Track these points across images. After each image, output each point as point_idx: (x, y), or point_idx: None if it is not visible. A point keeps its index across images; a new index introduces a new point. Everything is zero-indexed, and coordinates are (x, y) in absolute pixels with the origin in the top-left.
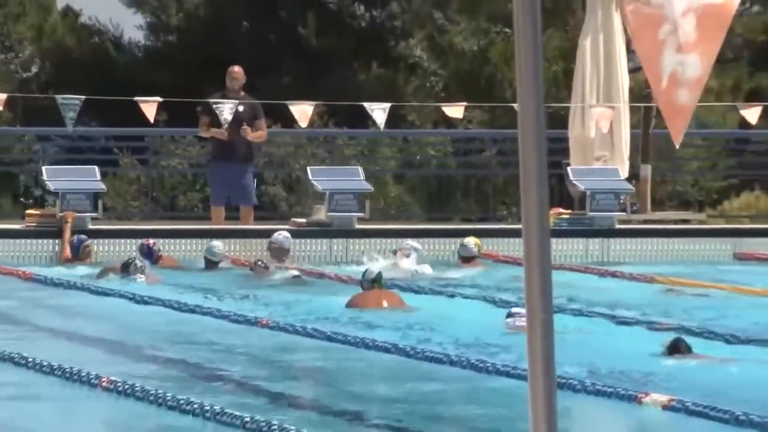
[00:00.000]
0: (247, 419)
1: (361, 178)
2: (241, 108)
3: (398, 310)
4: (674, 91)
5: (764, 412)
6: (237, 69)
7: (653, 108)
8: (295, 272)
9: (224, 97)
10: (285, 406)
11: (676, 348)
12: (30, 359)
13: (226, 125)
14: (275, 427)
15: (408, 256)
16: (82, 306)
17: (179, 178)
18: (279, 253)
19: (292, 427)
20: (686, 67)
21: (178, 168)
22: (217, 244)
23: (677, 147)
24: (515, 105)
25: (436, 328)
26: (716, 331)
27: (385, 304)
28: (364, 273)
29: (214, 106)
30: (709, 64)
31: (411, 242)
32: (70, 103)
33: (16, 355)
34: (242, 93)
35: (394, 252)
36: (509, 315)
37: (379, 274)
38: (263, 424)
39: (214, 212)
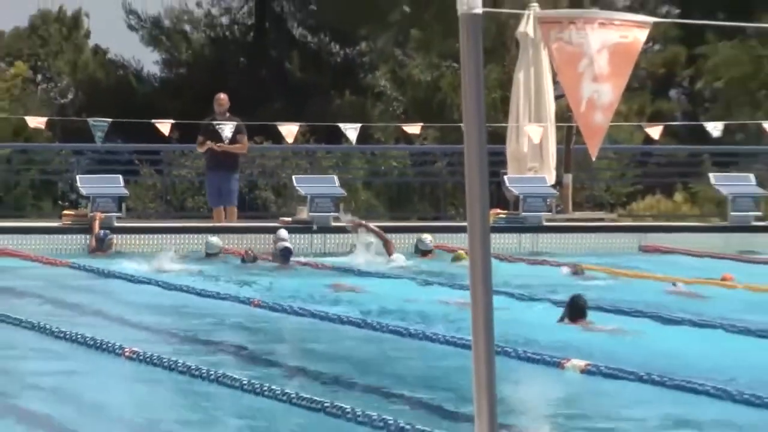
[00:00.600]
0: (245, 382)
1: (337, 184)
2: (228, 129)
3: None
4: (591, 114)
5: (662, 372)
6: (222, 96)
7: (574, 128)
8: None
9: (213, 119)
10: (267, 367)
11: (576, 311)
12: (66, 332)
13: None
14: (266, 388)
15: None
16: (108, 288)
17: (188, 184)
18: (213, 253)
19: (278, 388)
20: (601, 94)
21: (187, 177)
22: (214, 239)
23: (594, 159)
24: (462, 125)
25: (399, 307)
26: (622, 307)
27: None
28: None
29: (207, 126)
30: (619, 92)
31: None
32: (99, 124)
33: (56, 330)
34: (227, 114)
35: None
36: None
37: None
38: (257, 385)
39: (215, 212)
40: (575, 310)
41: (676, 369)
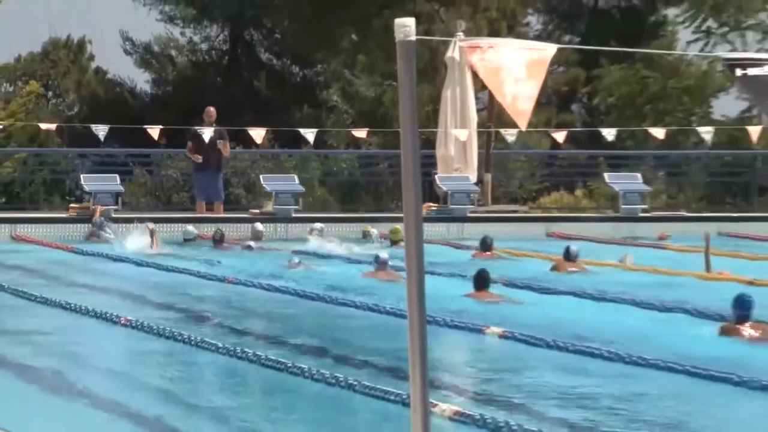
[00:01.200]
0: (221, 346)
1: (296, 182)
2: (212, 134)
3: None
4: (516, 102)
5: (563, 338)
6: (212, 109)
7: (492, 134)
8: (251, 243)
9: (200, 127)
10: (238, 332)
11: (481, 282)
12: (72, 304)
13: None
14: (239, 351)
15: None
16: (105, 268)
17: (173, 182)
18: (257, 235)
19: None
20: (522, 89)
21: (173, 176)
22: (190, 227)
23: (523, 129)
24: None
25: (342, 284)
26: (531, 284)
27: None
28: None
29: (196, 132)
30: (538, 87)
31: (318, 224)
32: (100, 130)
33: (63, 302)
34: (213, 125)
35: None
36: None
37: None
38: (232, 349)
39: (198, 205)
40: (479, 281)
41: (576, 335)
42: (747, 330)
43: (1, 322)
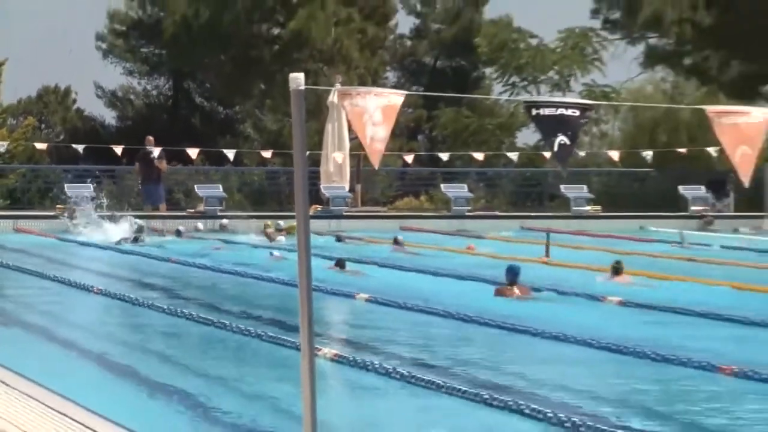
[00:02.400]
0: (165, 307)
1: (221, 190)
2: (153, 154)
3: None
4: (373, 143)
5: (410, 300)
6: (150, 138)
7: (361, 156)
8: (180, 228)
9: (144, 150)
10: (180, 298)
11: (340, 263)
12: (57, 276)
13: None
14: (179, 311)
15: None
16: (80, 251)
17: (129, 190)
18: (223, 227)
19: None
20: (377, 132)
21: (132, 186)
22: (141, 222)
23: (376, 167)
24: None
25: (252, 261)
26: (386, 264)
27: None
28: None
29: (142, 154)
30: (388, 131)
31: (225, 220)
32: (77, 152)
33: (51, 275)
34: (153, 148)
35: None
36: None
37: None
38: (174, 309)
39: (145, 209)
40: (340, 262)
41: (418, 298)
42: (514, 290)
43: (6, 288)
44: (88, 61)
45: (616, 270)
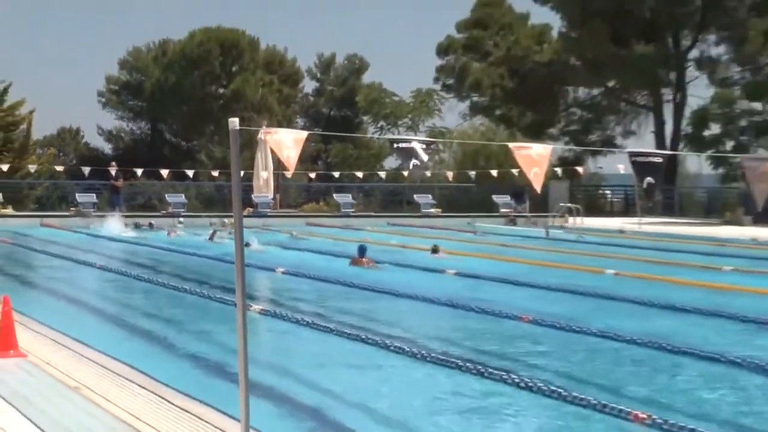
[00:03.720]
0: (144, 277)
1: (183, 198)
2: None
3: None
4: (288, 160)
5: (315, 272)
6: (113, 163)
7: (280, 175)
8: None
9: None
10: (154, 271)
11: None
12: (72, 257)
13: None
14: (147, 278)
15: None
16: (90, 240)
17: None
18: (151, 227)
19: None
20: (290, 153)
21: (122, 195)
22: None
23: (289, 176)
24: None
25: (203, 246)
26: (296, 247)
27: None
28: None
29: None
30: (297, 156)
31: (181, 218)
32: (84, 172)
33: (67, 255)
34: (117, 168)
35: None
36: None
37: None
38: (147, 278)
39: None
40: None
41: (321, 268)
42: (363, 262)
43: (35, 263)
44: (92, 110)
45: (435, 250)
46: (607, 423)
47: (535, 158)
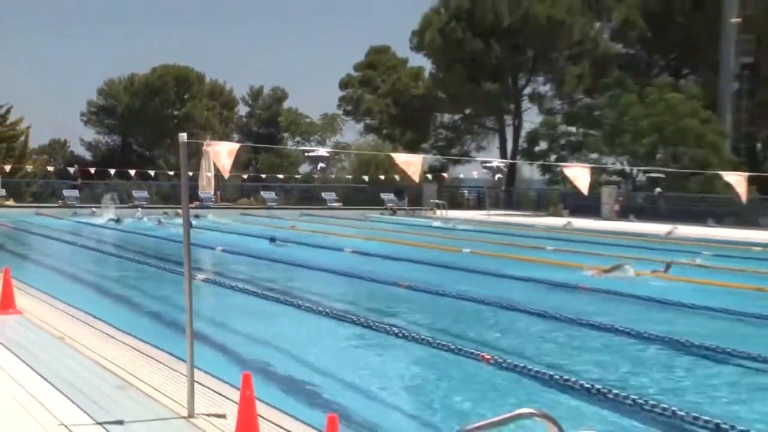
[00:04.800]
0: (119, 254)
1: (146, 194)
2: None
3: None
4: (224, 168)
5: (245, 250)
6: (76, 166)
7: (219, 176)
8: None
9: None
10: (124, 250)
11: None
12: (61, 239)
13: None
14: (123, 256)
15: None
16: (77, 226)
17: (99, 195)
18: (119, 221)
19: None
20: (225, 162)
21: (102, 192)
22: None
23: (227, 177)
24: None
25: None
26: (234, 231)
27: None
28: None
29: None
30: (231, 162)
31: (140, 209)
32: (71, 174)
33: (58, 237)
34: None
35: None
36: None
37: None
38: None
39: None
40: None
41: (248, 249)
42: (276, 243)
43: (32, 244)
44: (76, 126)
45: (273, 239)
46: (463, 362)
47: (411, 163)
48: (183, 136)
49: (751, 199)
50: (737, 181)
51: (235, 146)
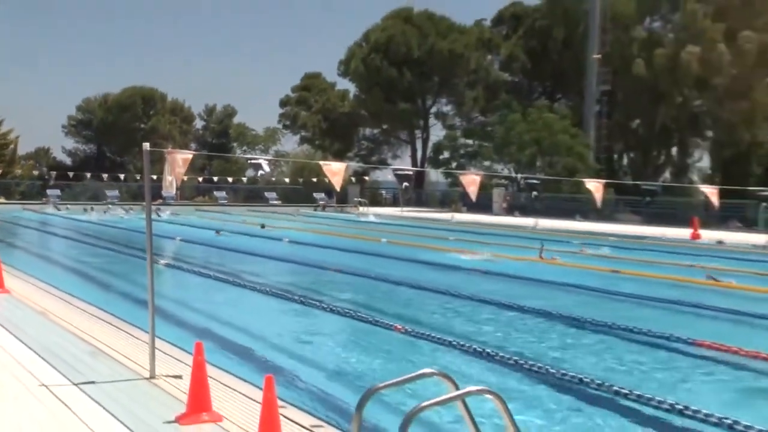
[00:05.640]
0: (94, 243)
1: (117, 192)
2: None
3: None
4: (179, 175)
5: (207, 240)
6: (53, 173)
7: (179, 178)
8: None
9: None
10: (99, 238)
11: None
12: (42, 229)
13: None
14: (97, 244)
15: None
16: (54, 220)
17: (79, 193)
18: (89, 212)
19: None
20: (180, 169)
21: (82, 192)
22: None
23: (185, 179)
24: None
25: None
26: (195, 224)
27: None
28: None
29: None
30: (185, 168)
31: (114, 206)
32: (52, 176)
33: (39, 228)
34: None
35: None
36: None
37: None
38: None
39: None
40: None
41: (205, 240)
42: (222, 234)
43: (20, 234)
44: (58, 136)
45: (263, 225)
46: (380, 332)
47: (336, 171)
48: (146, 146)
49: (608, 199)
50: (596, 187)
51: (189, 155)
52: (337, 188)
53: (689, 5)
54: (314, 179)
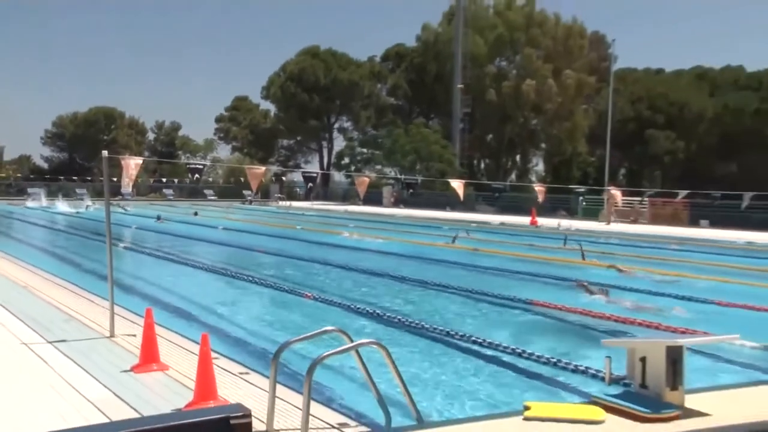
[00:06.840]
0: (78, 234)
1: (86, 191)
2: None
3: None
4: (132, 176)
5: (176, 231)
6: (31, 177)
7: (136, 179)
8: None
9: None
10: (78, 228)
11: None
12: (27, 220)
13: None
14: (80, 235)
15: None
16: (35, 213)
17: (57, 191)
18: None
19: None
20: (133, 172)
21: (56, 191)
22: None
23: (138, 180)
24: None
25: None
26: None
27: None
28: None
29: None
30: (138, 170)
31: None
32: (33, 179)
33: (25, 220)
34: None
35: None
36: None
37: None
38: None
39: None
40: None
41: (172, 231)
42: (161, 221)
43: (6, 224)
44: (37, 146)
45: (196, 213)
46: (294, 299)
47: (257, 174)
48: (104, 154)
49: (469, 194)
50: (459, 185)
51: (139, 160)
52: (253, 189)
53: (526, 50)
54: (242, 179)
